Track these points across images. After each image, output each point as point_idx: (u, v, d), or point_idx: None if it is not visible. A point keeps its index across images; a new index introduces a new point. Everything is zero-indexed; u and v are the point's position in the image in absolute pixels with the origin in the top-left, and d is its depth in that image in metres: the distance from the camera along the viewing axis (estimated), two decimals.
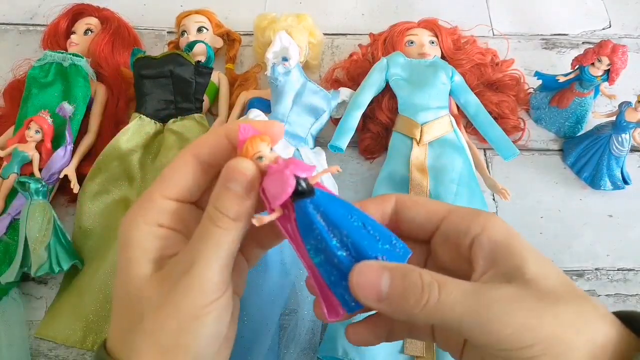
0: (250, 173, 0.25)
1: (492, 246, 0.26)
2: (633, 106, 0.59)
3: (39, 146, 0.60)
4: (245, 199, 0.26)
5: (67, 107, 0.59)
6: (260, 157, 0.25)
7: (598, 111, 0.64)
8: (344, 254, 0.25)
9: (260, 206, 0.26)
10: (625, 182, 0.63)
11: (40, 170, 0.59)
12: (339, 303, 0.25)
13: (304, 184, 0.25)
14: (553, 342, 0.23)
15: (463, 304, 0.23)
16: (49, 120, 0.60)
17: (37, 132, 0.59)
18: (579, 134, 0.67)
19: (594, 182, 0.63)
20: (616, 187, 0.63)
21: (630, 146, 0.61)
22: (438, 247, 0.29)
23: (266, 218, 0.25)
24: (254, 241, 0.30)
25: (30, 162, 0.59)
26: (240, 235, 0.26)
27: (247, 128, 0.25)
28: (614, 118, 0.61)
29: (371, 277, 0.24)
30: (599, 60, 0.61)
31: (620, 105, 0.60)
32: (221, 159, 0.27)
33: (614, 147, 0.61)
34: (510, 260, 0.25)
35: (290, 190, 0.24)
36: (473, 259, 0.26)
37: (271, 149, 0.26)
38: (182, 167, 0.28)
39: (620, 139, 0.60)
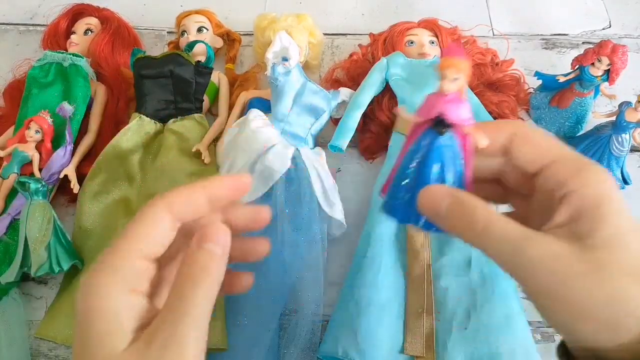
0: (227, 236, 0.26)
1: (580, 205, 0.25)
2: (633, 106, 0.59)
3: (39, 146, 0.60)
4: (222, 259, 0.26)
5: (67, 107, 0.59)
6: (455, 79, 0.29)
7: (598, 111, 0.64)
8: (406, 195, 0.30)
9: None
10: (625, 182, 0.63)
11: (40, 170, 0.59)
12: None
13: (441, 124, 0.29)
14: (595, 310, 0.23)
15: (501, 244, 0.25)
16: (49, 120, 0.60)
17: (37, 132, 0.59)
18: (579, 134, 0.67)
19: None
20: None
21: (630, 146, 0.61)
22: (538, 190, 0.29)
23: (410, 116, 0.30)
24: None
25: (30, 162, 0.59)
26: (215, 297, 0.25)
27: (453, 48, 0.29)
28: (614, 118, 0.61)
29: (435, 198, 0.28)
30: (599, 61, 0.61)
31: (620, 105, 0.60)
32: (196, 214, 0.27)
33: (614, 147, 0.61)
34: (590, 222, 0.24)
35: (430, 116, 0.29)
36: (556, 210, 0.26)
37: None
38: (154, 222, 0.26)
39: (620, 139, 0.60)
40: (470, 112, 0.30)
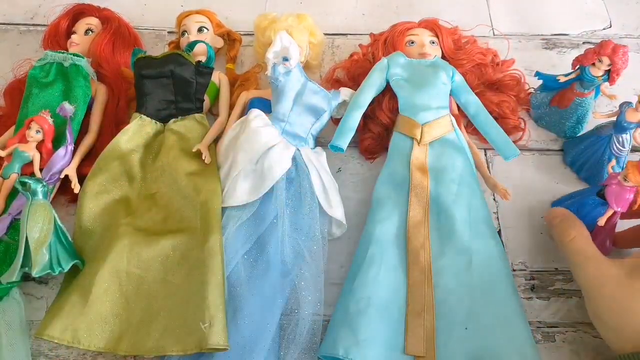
0: None
1: None
2: (634, 107, 0.59)
3: (39, 146, 0.60)
4: None
5: (68, 107, 0.59)
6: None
7: (599, 111, 0.64)
8: None
9: None
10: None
11: (40, 170, 0.59)
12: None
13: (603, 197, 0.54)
14: None
15: (574, 255, 0.44)
16: (50, 120, 0.60)
17: (37, 132, 0.59)
18: (579, 134, 0.67)
19: (594, 182, 0.63)
20: None
21: (630, 146, 0.61)
22: None
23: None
24: None
25: (31, 162, 0.59)
26: None
27: None
28: (614, 118, 0.61)
29: (555, 214, 0.52)
30: (600, 61, 0.60)
31: (621, 106, 0.60)
32: None
33: (615, 148, 0.61)
34: None
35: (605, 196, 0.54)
36: None
37: None
38: None
39: (620, 139, 0.60)
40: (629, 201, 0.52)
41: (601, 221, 0.55)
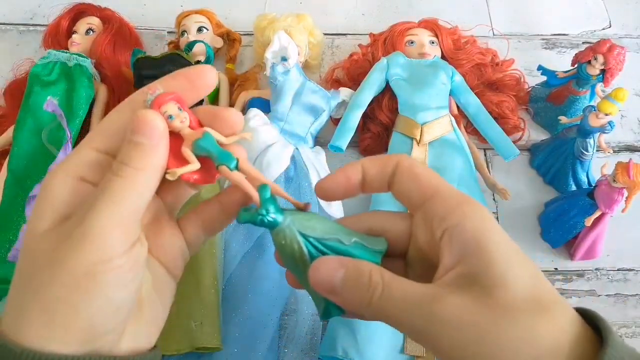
0: (159, 125, 0.24)
1: (461, 241, 0.24)
2: (596, 111, 0.57)
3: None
4: (152, 150, 0.24)
5: (54, 101, 0.58)
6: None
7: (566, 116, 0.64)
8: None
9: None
10: (591, 186, 0.60)
11: None
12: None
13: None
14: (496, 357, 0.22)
15: (405, 308, 0.24)
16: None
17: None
18: (547, 138, 0.66)
19: (559, 186, 0.63)
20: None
21: (594, 150, 0.59)
22: (417, 227, 0.27)
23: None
24: (198, 223, 0.29)
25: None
26: (148, 189, 0.24)
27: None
28: (579, 122, 0.59)
29: (328, 270, 0.25)
30: (595, 58, 0.60)
31: (584, 110, 0.59)
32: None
33: (578, 151, 0.59)
34: (476, 260, 0.24)
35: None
36: (440, 251, 0.25)
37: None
38: (116, 116, 0.26)
39: (584, 143, 0.58)
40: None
41: (588, 221, 0.54)
